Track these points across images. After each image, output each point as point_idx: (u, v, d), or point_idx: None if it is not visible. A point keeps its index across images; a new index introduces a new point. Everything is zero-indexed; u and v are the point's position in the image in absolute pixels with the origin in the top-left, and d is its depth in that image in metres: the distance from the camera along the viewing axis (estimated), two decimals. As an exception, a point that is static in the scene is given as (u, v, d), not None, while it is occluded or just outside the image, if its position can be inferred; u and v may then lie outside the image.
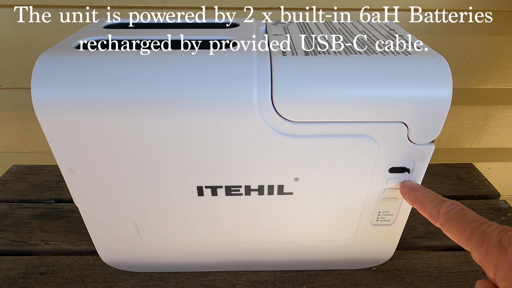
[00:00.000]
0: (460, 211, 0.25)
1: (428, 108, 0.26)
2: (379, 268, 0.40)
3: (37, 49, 0.57)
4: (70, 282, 0.38)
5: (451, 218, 0.25)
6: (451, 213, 0.25)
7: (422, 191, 0.29)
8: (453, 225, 0.25)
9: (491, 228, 0.23)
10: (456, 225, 0.24)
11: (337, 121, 0.27)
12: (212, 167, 0.29)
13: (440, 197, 0.27)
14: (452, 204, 0.26)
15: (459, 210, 0.25)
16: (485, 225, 0.23)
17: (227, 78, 0.25)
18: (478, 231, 0.23)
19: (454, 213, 0.25)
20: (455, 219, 0.25)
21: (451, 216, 0.25)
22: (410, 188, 0.30)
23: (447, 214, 0.25)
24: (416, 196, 0.29)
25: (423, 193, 0.28)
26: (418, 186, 0.30)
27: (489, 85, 0.65)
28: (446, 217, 0.25)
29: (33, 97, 0.25)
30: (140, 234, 0.35)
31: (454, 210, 0.25)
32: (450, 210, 0.25)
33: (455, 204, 0.26)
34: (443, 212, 0.26)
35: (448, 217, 0.25)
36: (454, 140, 0.72)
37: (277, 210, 0.33)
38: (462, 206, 0.26)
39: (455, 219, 0.25)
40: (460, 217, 0.25)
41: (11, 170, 0.56)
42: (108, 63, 0.25)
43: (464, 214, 0.25)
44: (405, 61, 0.26)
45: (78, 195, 0.31)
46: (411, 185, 0.30)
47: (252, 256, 0.38)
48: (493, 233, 0.22)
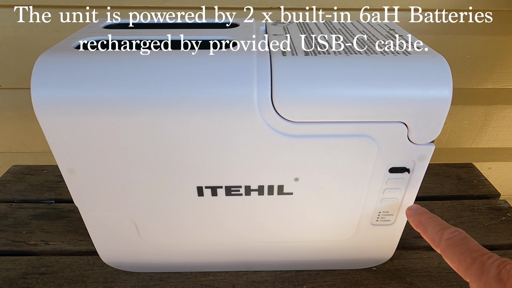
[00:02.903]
0: (462, 239, 0.25)
1: (428, 108, 0.26)
2: (379, 268, 0.40)
3: (37, 49, 0.57)
4: (70, 282, 0.38)
5: (452, 246, 0.25)
6: (453, 240, 0.25)
7: (427, 215, 0.28)
8: (454, 253, 0.24)
9: (491, 259, 0.22)
10: (456, 253, 0.24)
11: (337, 121, 0.27)
12: (212, 167, 0.29)
13: (444, 223, 0.27)
14: (455, 231, 0.25)
15: (461, 238, 0.25)
16: (485, 256, 0.23)
17: (227, 78, 0.25)
18: (478, 262, 0.23)
19: (456, 240, 0.25)
20: (456, 246, 0.24)
21: (452, 244, 0.25)
22: (415, 212, 0.30)
23: (448, 241, 0.25)
24: (420, 219, 0.29)
25: (427, 217, 0.28)
26: (423, 210, 0.30)
27: (489, 85, 0.65)
28: (448, 243, 0.25)
29: (33, 97, 0.25)
30: (140, 234, 0.35)
31: (457, 237, 0.25)
32: (452, 237, 0.25)
33: (458, 232, 0.25)
34: (445, 238, 0.25)
35: (449, 244, 0.25)
36: (454, 140, 0.72)
37: (277, 210, 0.33)
38: (464, 235, 0.25)
39: (456, 247, 0.24)
40: (461, 245, 0.24)
41: (11, 170, 0.56)
42: (108, 63, 0.25)
43: (466, 243, 0.24)
44: (405, 61, 0.26)
45: (78, 195, 0.31)
46: (417, 209, 0.30)
47: (252, 256, 0.38)
48: (492, 265, 0.22)
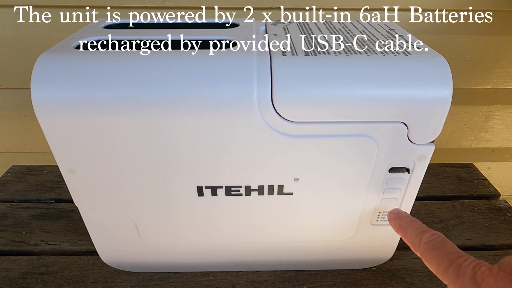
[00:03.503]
0: (440, 243, 0.25)
1: (428, 108, 0.26)
2: (379, 268, 0.40)
3: (37, 49, 0.57)
4: (70, 282, 0.38)
5: (430, 249, 0.25)
6: (431, 244, 0.25)
7: (407, 219, 0.29)
8: (432, 256, 0.25)
9: (467, 262, 0.23)
10: (434, 256, 0.25)
11: (337, 121, 0.27)
12: (212, 167, 0.29)
13: (423, 227, 0.27)
14: (433, 234, 0.26)
15: (439, 241, 0.25)
16: (461, 258, 0.23)
17: (227, 78, 0.25)
18: (454, 264, 0.23)
19: (434, 244, 0.25)
20: (434, 249, 0.25)
21: (430, 247, 0.25)
22: (396, 215, 0.30)
23: (427, 244, 0.25)
24: (401, 223, 0.29)
25: (407, 221, 0.29)
26: (404, 214, 0.30)
27: (489, 85, 0.65)
28: (426, 247, 0.25)
29: (33, 97, 0.25)
30: (140, 234, 0.35)
31: (435, 241, 0.25)
32: (430, 240, 0.26)
33: (436, 235, 0.26)
34: (424, 241, 0.26)
35: (428, 247, 0.25)
36: (454, 140, 0.72)
37: (277, 210, 0.33)
38: (443, 238, 0.26)
39: (434, 250, 0.25)
40: (439, 248, 0.25)
41: (11, 170, 0.56)
42: (108, 63, 0.25)
43: (443, 246, 0.25)
44: (405, 61, 0.26)
45: (78, 195, 0.31)
46: (398, 212, 0.31)
47: (252, 256, 0.38)
48: (468, 268, 0.22)
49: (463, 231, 0.45)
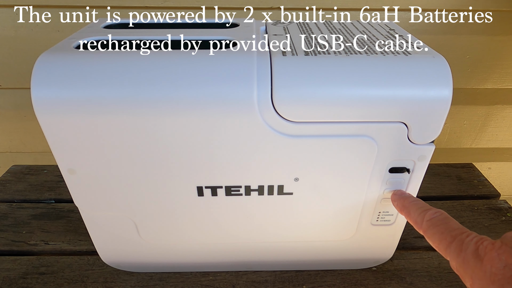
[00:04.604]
0: (443, 219, 0.25)
1: (428, 108, 0.26)
2: (379, 268, 0.40)
3: (37, 49, 0.57)
4: (70, 282, 0.38)
5: (433, 226, 0.25)
6: (433, 221, 0.26)
7: (410, 199, 0.29)
8: (435, 233, 0.25)
9: (469, 237, 0.23)
10: (437, 233, 0.25)
11: (337, 121, 0.27)
12: (212, 167, 0.29)
13: (426, 205, 0.28)
14: (436, 212, 0.26)
15: (442, 218, 0.26)
16: (464, 234, 0.23)
17: (227, 78, 0.25)
18: (457, 240, 0.23)
19: (437, 221, 0.25)
20: (437, 226, 0.25)
21: (433, 224, 0.25)
22: (400, 196, 0.31)
23: (430, 222, 0.26)
24: (404, 203, 0.29)
25: (410, 201, 0.29)
26: (407, 195, 0.31)
27: (489, 85, 0.65)
28: (429, 224, 0.26)
29: (33, 97, 0.25)
30: (140, 234, 0.35)
31: (437, 218, 0.26)
32: (433, 217, 0.26)
33: (439, 213, 0.26)
34: (426, 219, 0.26)
35: (430, 224, 0.26)
36: (454, 140, 0.72)
37: (277, 210, 0.32)
38: (446, 215, 0.26)
39: (437, 227, 0.25)
40: (442, 225, 0.25)
41: (11, 170, 0.56)
42: (108, 63, 0.25)
43: (446, 223, 0.25)
44: (405, 61, 0.26)
45: (78, 195, 0.31)
46: (401, 194, 0.31)
47: (252, 256, 0.38)
48: (470, 243, 0.22)
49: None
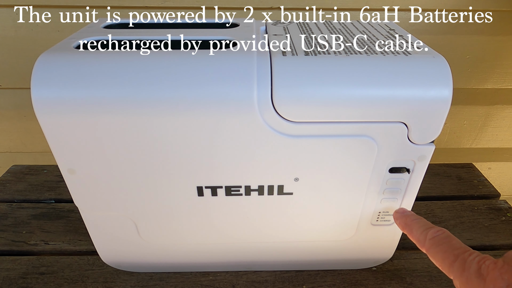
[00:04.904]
0: (445, 238, 0.26)
1: (428, 108, 0.26)
2: (379, 268, 0.40)
3: (37, 49, 0.57)
4: (70, 282, 0.38)
5: (436, 244, 0.25)
6: (436, 240, 0.26)
7: (412, 217, 0.30)
8: (438, 251, 0.25)
9: (472, 256, 0.23)
10: (440, 252, 0.25)
11: (337, 121, 0.27)
12: (212, 167, 0.29)
13: (428, 224, 0.28)
14: (438, 230, 0.26)
15: (444, 237, 0.26)
16: (467, 253, 0.23)
17: (227, 78, 0.25)
18: (460, 259, 0.23)
19: (440, 239, 0.26)
20: (440, 245, 0.25)
21: (436, 242, 0.26)
22: (402, 214, 0.31)
23: (432, 240, 0.26)
24: (406, 221, 0.30)
25: (412, 219, 0.29)
26: (409, 213, 0.31)
27: (489, 85, 0.65)
28: (432, 242, 0.26)
29: (33, 97, 0.25)
30: (140, 234, 0.35)
31: (440, 236, 0.26)
32: (436, 236, 0.26)
33: (441, 231, 0.26)
34: (429, 237, 0.26)
35: (433, 243, 0.26)
36: (454, 140, 0.72)
37: (277, 210, 0.32)
38: (448, 234, 0.26)
39: (440, 246, 0.25)
40: (444, 243, 0.25)
41: (11, 170, 0.56)
42: (108, 63, 0.25)
43: (449, 241, 0.25)
44: (405, 61, 0.26)
45: (78, 195, 0.31)
46: (403, 212, 0.31)
47: (252, 256, 0.38)
48: (473, 262, 0.22)
49: (463, 231, 0.45)
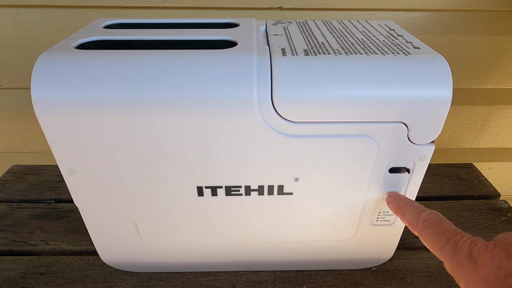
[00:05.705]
0: (437, 221, 0.25)
1: (428, 108, 0.26)
2: (379, 268, 0.40)
3: (37, 49, 0.57)
4: (70, 282, 0.38)
5: (428, 227, 0.25)
6: (428, 222, 0.26)
7: (405, 200, 0.30)
8: (429, 234, 0.25)
9: (463, 239, 0.23)
10: (432, 234, 0.25)
11: (337, 121, 0.27)
12: (212, 167, 0.29)
13: (421, 206, 0.28)
14: (431, 213, 0.26)
15: (436, 219, 0.26)
16: (458, 235, 0.23)
17: (227, 78, 0.25)
18: (451, 242, 0.23)
19: (432, 222, 0.26)
20: (431, 227, 0.25)
21: (428, 225, 0.26)
22: (395, 198, 0.31)
23: (424, 223, 0.26)
24: (399, 204, 0.30)
25: (405, 202, 0.29)
26: (402, 196, 0.31)
27: (489, 85, 0.65)
28: (424, 225, 0.26)
29: (33, 97, 0.25)
30: (140, 234, 0.35)
31: (432, 219, 0.26)
32: (428, 218, 0.26)
33: (433, 214, 0.26)
34: (421, 220, 0.26)
35: (425, 226, 0.26)
36: (454, 140, 0.72)
37: (277, 210, 0.32)
38: (440, 216, 0.26)
39: (432, 228, 0.25)
40: (436, 226, 0.25)
41: (11, 170, 0.56)
42: (108, 63, 0.25)
43: (441, 224, 0.25)
44: (405, 61, 0.26)
45: (78, 195, 0.31)
46: (396, 195, 0.31)
47: (252, 256, 0.38)
48: (464, 244, 0.22)
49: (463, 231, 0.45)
